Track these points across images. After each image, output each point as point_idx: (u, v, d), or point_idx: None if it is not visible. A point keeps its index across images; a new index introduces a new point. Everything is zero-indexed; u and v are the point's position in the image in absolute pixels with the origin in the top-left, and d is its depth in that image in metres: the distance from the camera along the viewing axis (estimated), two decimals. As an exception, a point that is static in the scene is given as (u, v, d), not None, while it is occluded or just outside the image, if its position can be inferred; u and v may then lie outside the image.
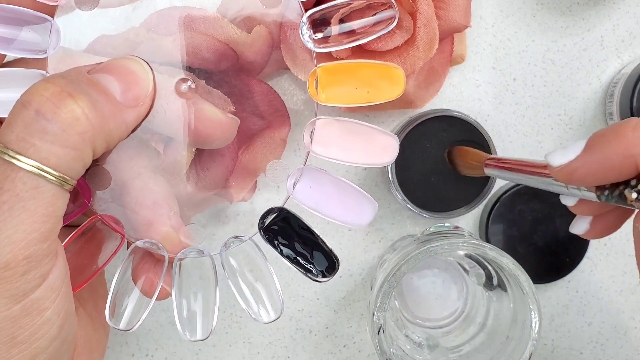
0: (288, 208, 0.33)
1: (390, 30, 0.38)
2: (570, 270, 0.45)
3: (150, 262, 0.33)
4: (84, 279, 0.31)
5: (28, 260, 0.25)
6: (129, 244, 0.33)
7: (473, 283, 0.44)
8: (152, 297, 0.32)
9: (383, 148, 0.32)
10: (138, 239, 0.32)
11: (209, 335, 0.32)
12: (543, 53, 0.45)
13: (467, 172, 0.40)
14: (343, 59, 0.39)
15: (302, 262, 0.33)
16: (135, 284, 0.32)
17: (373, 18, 0.31)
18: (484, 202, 0.44)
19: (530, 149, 0.45)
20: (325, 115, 0.32)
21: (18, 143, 0.25)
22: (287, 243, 0.33)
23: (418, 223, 0.46)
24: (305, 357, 0.46)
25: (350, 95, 0.32)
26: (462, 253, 0.41)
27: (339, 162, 0.32)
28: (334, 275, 0.33)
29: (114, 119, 0.27)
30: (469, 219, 0.46)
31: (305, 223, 0.33)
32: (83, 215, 0.32)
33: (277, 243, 0.33)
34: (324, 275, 0.32)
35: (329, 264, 0.32)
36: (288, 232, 0.33)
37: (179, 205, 0.34)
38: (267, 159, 0.38)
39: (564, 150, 0.31)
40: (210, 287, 0.33)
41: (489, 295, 0.42)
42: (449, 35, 0.42)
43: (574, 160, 0.30)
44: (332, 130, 0.32)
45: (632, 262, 0.46)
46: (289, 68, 0.38)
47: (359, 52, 0.39)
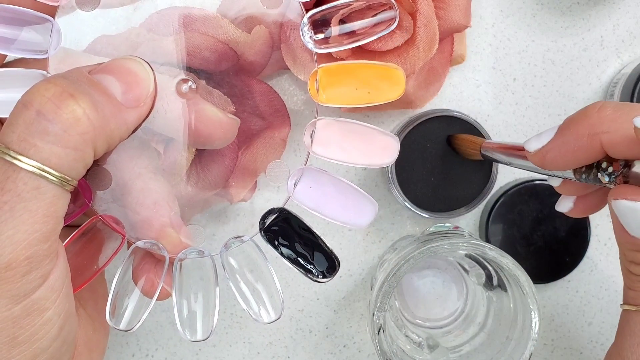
0: (288, 209, 0.33)
1: (391, 31, 0.38)
2: (570, 270, 0.45)
3: (151, 262, 0.33)
4: (85, 280, 0.31)
5: (29, 261, 0.25)
6: (130, 245, 0.33)
7: (473, 283, 0.44)
8: (152, 297, 0.32)
9: (383, 149, 0.32)
10: (138, 239, 0.32)
11: (209, 336, 0.32)
12: (543, 53, 0.45)
13: (467, 156, 0.41)
14: (343, 60, 0.39)
15: (302, 262, 0.33)
16: (136, 285, 0.32)
17: (374, 19, 0.31)
18: (484, 202, 0.44)
19: (530, 149, 0.45)
20: (326, 116, 0.32)
21: (19, 143, 0.25)
22: (287, 244, 0.33)
23: (418, 223, 0.46)
24: (305, 357, 0.46)
25: (351, 96, 0.32)
26: (462, 253, 0.41)
27: (340, 162, 0.32)
28: (334, 276, 0.33)
29: (115, 120, 0.27)
30: (469, 219, 0.46)
31: (306, 224, 0.33)
32: (84, 216, 0.32)
33: (277, 243, 0.33)
34: (324, 276, 0.32)
35: (330, 265, 0.33)
36: (288, 232, 0.33)
37: (179, 206, 0.34)
38: (267, 159, 0.38)
39: (539, 136, 0.32)
40: (211, 287, 0.33)
41: (489, 295, 0.42)
42: (449, 35, 0.42)
43: (546, 144, 0.31)
44: (332, 131, 0.32)
45: (632, 262, 0.46)
46: (289, 68, 0.38)
47: (359, 52, 0.39)
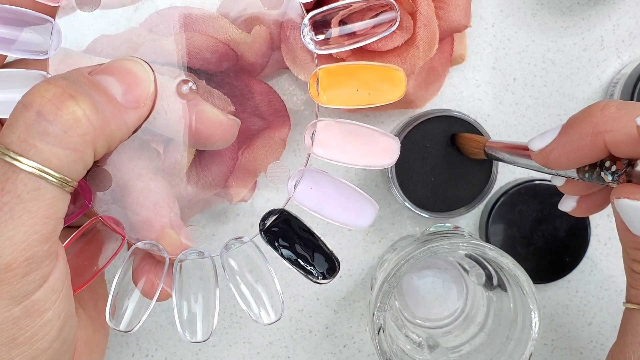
0: (289, 210, 0.33)
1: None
2: (570, 270, 0.45)
3: (151, 263, 0.33)
4: (85, 280, 0.31)
5: (29, 262, 0.25)
6: (130, 246, 0.33)
7: (473, 283, 0.44)
8: (152, 298, 0.32)
9: (384, 150, 0.32)
10: (139, 240, 0.32)
11: (209, 337, 0.32)
12: (543, 53, 0.45)
13: (471, 155, 0.41)
14: (344, 60, 0.39)
15: (302, 263, 0.33)
16: (136, 286, 0.32)
17: (374, 20, 0.31)
18: (484, 202, 0.44)
19: (530, 149, 0.45)
20: (326, 117, 0.32)
21: (19, 144, 0.25)
22: (287, 245, 0.33)
23: (418, 223, 0.46)
24: (305, 357, 0.46)
25: (351, 97, 0.32)
26: (462, 253, 0.41)
27: (340, 163, 0.32)
28: (335, 277, 0.33)
29: (115, 121, 0.27)
30: (469, 219, 0.46)
31: (306, 225, 0.33)
32: (84, 216, 0.32)
33: (277, 245, 0.33)
34: (325, 277, 0.32)
35: (330, 266, 0.32)
36: (289, 233, 0.33)
37: (179, 206, 0.34)
38: (267, 160, 0.38)
39: (542, 135, 0.32)
40: (211, 288, 0.33)
41: (489, 295, 0.42)
42: (449, 35, 0.42)
43: (550, 143, 0.31)
44: (333, 132, 0.32)
45: (632, 262, 0.46)
46: (289, 68, 0.38)
47: (359, 52, 0.39)
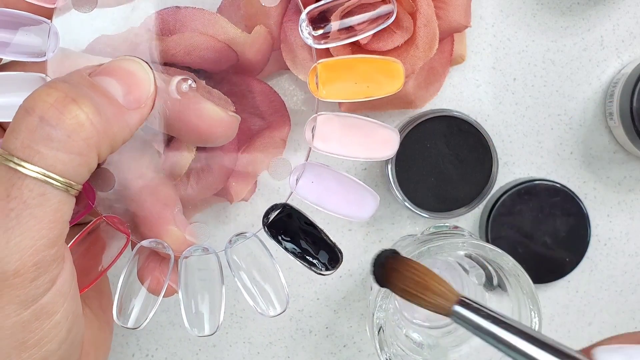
0: (291, 204, 0.33)
1: (390, 30, 0.38)
2: (570, 270, 0.45)
3: (156, 261, 0.33)
4: (90, 280, 0.31)
5: (37, 267, 0.25)
6: (134, 244, 0.33)
7: (473, 283, 0.44)
8: (159, 295, 0.32)
9: (384, 142, 0.32)
10: (143, 239, 0.32)
11: (216, 331, 0.32)
12: (543, 53, 0.45)
13: (415, 298, 0.30)
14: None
15: (306, 256, 0.33)
16: (142, 283, 0.32)
17: (371, 14, 0.32)
18: (484, 202, 0.44)
19: (530, 149, 0.45)
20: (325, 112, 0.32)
21: (23, 150, 0.25)
22: (290, 239, 0.33)
23: (418, 223, 0.46)
24: (305, 357, 0.46)
25: (350, 91, 0.32)
26: (462, 253, 0.41)
27: (341, 157, 0.32)
28: (338, 268, 0.33)
29: (118, 122, 0.27)
30: (469, 219, 0.46)
31: (309, 218, 0.33)
32: (87, 215, 0.32)
33: (281, 238, 0.33)
34: (328, 268, 0.33)
35: (332, 257, 0.33)
36: (292, 227, 0.33)
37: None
38: (267, 159, 0.38)
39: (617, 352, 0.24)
40: (216, 284, 0.33)
41: (489, 295, 0.42)
42: (449, 35, 0.42)
43: None
44: (333, 126, 0.32)
45: (632, 262, 0.46)
46: (289, 68, 0.38)
47: (359, 51, 0.39)
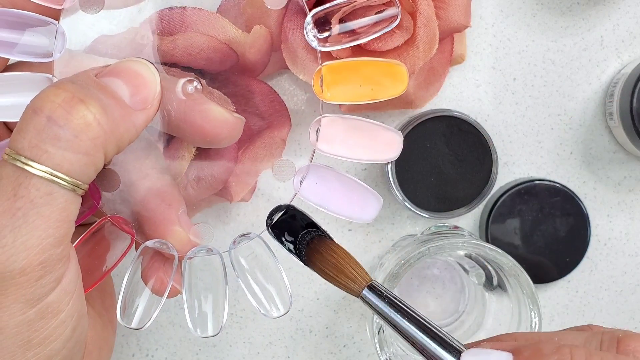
0: (295, 205, 0.33)
1: (390, 30, 0.38)
2: (570, 270, 0.45)
3: (160, 261, 0.33)
4: (95, 280, 0.31)
5: (43, 266, 0.25)
6: (138, 245, 0.33)
7: (473, 283, 0.44)
8: (162, 295, 0.32)
9: (387, 144, 0.32)
10: (147, 239, 0.32)
11: (220, 331, 0.32)
12: (543, 53, 0.45)
13: (330, 279, 0.31)
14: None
15: None
16: (146, 284, 0.32)
17: (376, 17, 0.32)
18: (484, 202, 0.44)
19: (530, 149, 0.45)
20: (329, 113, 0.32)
21: (31, 150, 0.25)
22: (294, 240, 0.33)
23: (418, 223, 0.46)
24: (305, 357, 0.46)
25: (355, 93, 0.32)
26: (462, 253, 0.41)
27: (345, 159, 0.32)
28: None
29: (124, 123, 0.27)
30: (469, 219, 0.46)
31: (312, 219, 0.33)
32: (92, 215, 0.32)
33: (284, 240, 0.33)
34: None
35: None
36: (295, 228, 0.33)
37: (180, 206, 0.34)
38: (267, 159, 0.38)
39: (483, 354, 0.26)
40: (220, 284, 0.33)
41: (489, 295, 0.42)
42: (449, 35, 0.42)
43: None
44: (337, 128, 0.32)
45: (632, 262, 0.46)
46: (290, 68, 0.38)
47: (360, 52, 0.39)
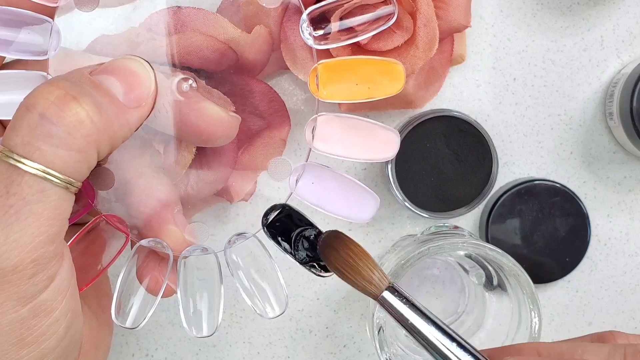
0: (291, 204, 0.33)
1: (390, 30, 0.38)
2: (570, 270, 0.45)
3: (155, 260, 0.33)
4: (89, 279, 0.31)
5: (36, 263, 0.25)
6: (133, 243, 0.33)
7: (473, 283, 0.44)
8: (157, 295, 0.32)
9: (384, 143, 0.32)
10: (142, 238, 0.32)
11: (215, 331, 0.32)
12: (543, 53, 0.45)
13: (349, 283, 0.31)
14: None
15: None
16: (141, 283, 0.32)
17: (372, 14, 0.32)
18: (484, 202, 0.44)
19: (530, 149, 0.45)
20: (326, 112, 0.32)
21: (23, 147, 0.25)
22: (290, 239, 0.33)
23: (418, 223, 0.46)
24: (305, 357, 0.46)
25: (351, 92, 0.32)
26: (462, 253, 0.41)
27: (341, 158, 0.32)
28: None
29: (118, 121, 0.27)
30: (469, 219, 0.46)
31: (308, 219, 0.33)
32: (87, 214, 0.32)
33: (280, 239, 0.33)
34: (327, 270, 0.33)
35: None
36: (291, 228, 0.33)
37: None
38: (267, 159, 0.38)
39: None
40: (215, 284, 0.33)
41: (489, 295, 0.42)
42: (449, 35, 0.42)
43: None
44: (333, 127, 0.32)
45: (632, 262, 0.46)
46: (289, 68, 0.38)
47: (359, 51, 0.39)
